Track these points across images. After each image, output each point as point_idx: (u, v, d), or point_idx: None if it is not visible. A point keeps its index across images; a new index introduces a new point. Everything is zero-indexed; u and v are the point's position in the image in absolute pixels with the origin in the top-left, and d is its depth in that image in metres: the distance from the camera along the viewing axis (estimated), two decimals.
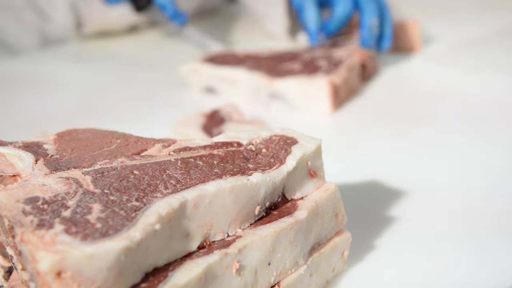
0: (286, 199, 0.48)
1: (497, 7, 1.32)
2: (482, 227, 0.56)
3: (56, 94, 0.98)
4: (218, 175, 0.44)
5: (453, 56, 1.05)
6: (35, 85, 1.02)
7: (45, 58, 1.13)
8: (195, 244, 0.41)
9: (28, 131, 0.82)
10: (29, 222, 0.37)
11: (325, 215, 0.48)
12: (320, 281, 0.48)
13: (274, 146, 0.49)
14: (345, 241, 0.50)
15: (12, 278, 0.45)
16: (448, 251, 0.53)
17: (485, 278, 0.50)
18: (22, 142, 0.49)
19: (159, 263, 0.39)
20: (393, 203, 0.61)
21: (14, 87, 1.02)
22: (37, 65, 1.11)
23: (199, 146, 0.49)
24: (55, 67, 1.08)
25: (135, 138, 0.50)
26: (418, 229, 0.57)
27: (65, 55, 1.15)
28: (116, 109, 0.91)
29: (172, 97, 0.95)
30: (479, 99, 0.87)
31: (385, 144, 0.75)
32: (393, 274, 0.51)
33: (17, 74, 1.07)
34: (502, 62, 1.01)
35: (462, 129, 0.77)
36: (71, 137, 0.51)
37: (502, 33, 1.16)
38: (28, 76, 1.05)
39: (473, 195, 0.62)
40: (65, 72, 1.07)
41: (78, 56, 1.13)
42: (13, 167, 0.45)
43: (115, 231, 0.37)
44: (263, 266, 0.43)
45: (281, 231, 0.44)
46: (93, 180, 0.43)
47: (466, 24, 1.21)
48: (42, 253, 0.35)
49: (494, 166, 0.68)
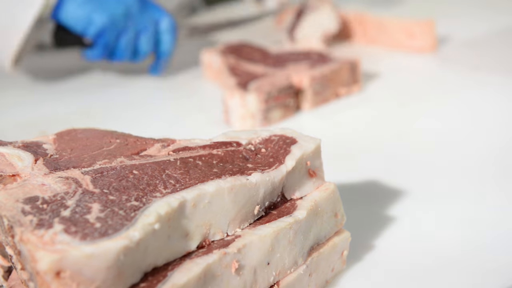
0: (286, 199, 0.48)
1: (497, 7, 1.32)
2: (482, 227, 0.56)
3: (56, 94, 0.98)
4: (217, 175, 0.44)
5: (453, 56, 1.05)
6: (35, 85, 1.02)
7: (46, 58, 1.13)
8: (194, 243, 0.41)
9: (28, 131, 0.82)
10: (29, 222, 0.37)
11: (325, 215, 0.48)
12: (319, 281, 0.48)
13: (274, 146, 0.49)
14: (345, 241, 0.50)
15: (12, 277, 0.45)
16: (448, 251, 0.53)
17: (485, 278, 0.50)
18: (22, 142, 0.49)
19: (159, 262, 0.39)
20: (393, 203, 0.61)
21: (14, 87, 1.02)
22: (37, 64, 1.11)
23: (198, 146, 0.49)
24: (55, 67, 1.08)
25: (135, 138, 0.50)
26: (418, 229, 0.57)
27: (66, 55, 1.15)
28: (116, 109, 0.91)
29: (171, 97, 0.95)
30: (479, 99, 0.87)
31: (385, 144, 0.75)
32: (392, 274, 0.51)
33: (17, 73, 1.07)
34: (502, 62, 1.01)
35: (462, 129, 0.77)
36: (71, 137, 0.51)
37: (502, 33, 1.16)
38: (28, 76, 1.05)
39: (474, 195, 0.62)
40: (65, 72, 1.07)
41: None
42: (12, 167, 0.45)
43: (114, 231, 0.37)
44: (262, 266, 0.43)
45: (280, 231, 0.44)
46: (93, 180, 0.43)
47: (466, 24, 1.21)
48: (42, 253, 0.35)
49: (494, 166, 0.68)
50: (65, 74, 1.07)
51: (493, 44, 1.11)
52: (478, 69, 0.98)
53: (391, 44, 1.10)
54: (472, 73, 0.96)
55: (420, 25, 1.06)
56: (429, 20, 1.06)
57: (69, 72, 1.07)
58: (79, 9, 0.92)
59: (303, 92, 0.85)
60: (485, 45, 1.10)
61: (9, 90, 1.01)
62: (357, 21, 1.14)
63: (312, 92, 0.85)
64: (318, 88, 0.86)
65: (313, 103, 0.86)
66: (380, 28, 1.11)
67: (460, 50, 1.07)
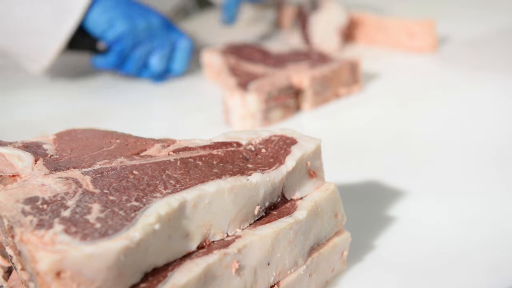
0: (286, 199, 0.48)
1: (497, 7, 1.32)
2: (482, 226, 0.56)
3: (56, 94, 0.98)
4: (217, 175, 0.44)
5: (453, 56, 1.05)
6: (35, 85, 1.02)
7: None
8: (194, 244, 0.41)
9: (28, 131, 0.82)
10: (29, 222, 0.37)
11: (325, 215, 0.48)
12: (320, 281, 0.48)
13: (274, 146, 0.49)
14: (345, 241, 0.50)
15: (12, 278, 0.45)
16: (448, 251, 0.53)
17: (486, 278, 0.50)
18: (22, 142, 0.49)
19: (159, 263, 0.39)
20: (393, 203, 0.61)
21: (14, 87, 1.02)
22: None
23: (198, 146, 0.49)
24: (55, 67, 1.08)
25: (135, 138, 0.50)
26: (418, 229, 0.57)
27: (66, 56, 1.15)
28: (116, 109, 0.91)
29: (171, 97, 0.95)
30: (479, 99, 0.87)
31: (385, 144, 0.75)
32: (392, 274, 0.51)
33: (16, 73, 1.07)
34: (502, 61, 1.01)
35: (462, 129, 0.77)
36: (71, 137, 0.51)
37: (502, 33, 1.16)
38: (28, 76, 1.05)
39: (474, 194, 0.62)
40: (65, 72, 1.07)
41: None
42: (12, 167, 0.45)
43: (115, 231, 0.37)
44: (262, 266, 0.43)
45: (280, 231, 0.44)
46: (93, 180, 0.43)
47: (466, 24, 1.21)
48: (42, 253, 0.35)
49: (494, 166, 0.68)
50: (65, 74, 1.07)
51: (493, 44, 1.11)
52: (478, 69, 0.98)
53: (391, 44, 1.10)
54: (472, 73, 0.96)
55: (420, 25, 1.06)
56: (429, 20, 1.06)
57: (69, 73, 1.07)
58: (103, 15, 0.93)
59: (303, 92, 0.85)
60: (485, 45, 1.10)
61: (9, 90, 1.01)
62: (357, 21, 1.14)
63: (312, 92, 0.85)
64: (318, 88, 0.86)
65: (313, 103, 0.86)
66: (380, 28, 1.11)
67: (460, 50, 1.07)
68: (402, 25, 1.08)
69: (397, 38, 1.09)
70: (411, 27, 1.07)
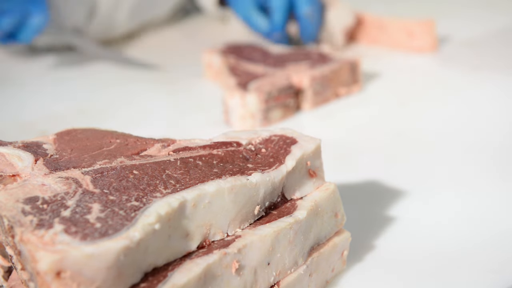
0: (286, 199, 0.48)
1: (496, 7, 1.32)
2: (482, 226, 0.56)
3: (56, 94, 0.98)
4: (217, 175, 0.44)
5: (453, 56, 1.05)
6: (35, 85, 1.02)
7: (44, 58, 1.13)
8: (194, 244, 0.41)
9: (28, 131, 0.82)
10: (29, 222, 0.37)
11: (325, 215, 0.48)
12: (320, 281, 0.48)
13: (274, 146, 0.49)
14: (345, 241, 0.50)
15: (12, 278, 0.45)
16: (448, 251, 0.53)
17: (486, 278, 0.50)
18: (22, 142, 0.49)
19: (159, 263, 0.39)
20: (393, 203, 0.61)
21: (14, 87, 1.02)
22: (37, 64, 1.11)
23: (198, 146, 0.49)
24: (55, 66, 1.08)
25: (135, 138, 0.50)
26: (418, 229, 0.57)
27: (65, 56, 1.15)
28: (116, 109, 0.91)
29: (171, 97, 0.95)
30: (479, 99, 0.87)
31: (385, 144, 0.75)
32: (392, 274, 0.51)
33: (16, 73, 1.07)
34: (502, 61, 1.01)
35: (462, 129, 0.77)
36: (71, 137, 0.51)
37: (502, 32, 1.16)
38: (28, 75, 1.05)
39: (474, 194, 0.62)
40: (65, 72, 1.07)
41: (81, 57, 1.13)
42: (12, 167, 0.45)
43: (115, 231, 0.37)
44: (262, 266, 0.43)
45: (280, 231, 0.44)
46: (93, 180, 0.43)
47: (466, 24, 1.21)
48: (42, 253, 0.35)
49: (494, 166, 0.68)
50: (65, 74, 1.06)
51: (493, 44, 1.10)
52: (478, 69, 0.98)
53: (391, 44, 1.10)
54: (472, 73, 0.96)
55: (420, 25, 1.06)
56: (429, 20, 1.06)
57: (69, 72, 1.07)
58: None
59: (303, 92, 0.85)
60: (485, 45, 1.10)
61: (9, 90, 1.01)
62: (357, 21, 1.14)
63: (312, 92, 0.85)
64: (318, 88, 0.86)
65: (313, 103, 0.86)
66: (380, 28, 1.11)
67: (460, 50, 1.07)
68: (402, 25, 1.08)
69: (397, 38, 1.09)
70: (411, 27, 1.07)
